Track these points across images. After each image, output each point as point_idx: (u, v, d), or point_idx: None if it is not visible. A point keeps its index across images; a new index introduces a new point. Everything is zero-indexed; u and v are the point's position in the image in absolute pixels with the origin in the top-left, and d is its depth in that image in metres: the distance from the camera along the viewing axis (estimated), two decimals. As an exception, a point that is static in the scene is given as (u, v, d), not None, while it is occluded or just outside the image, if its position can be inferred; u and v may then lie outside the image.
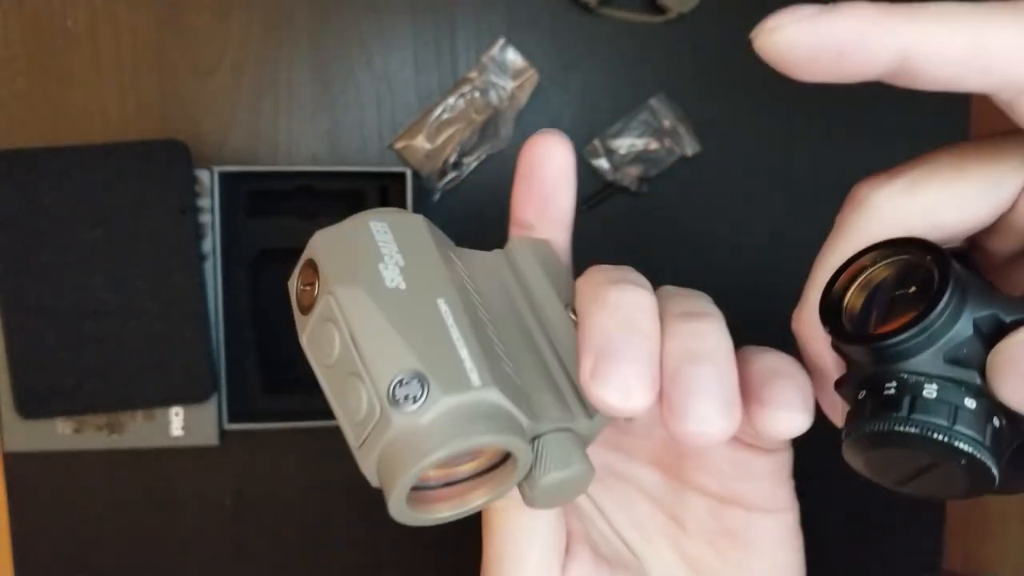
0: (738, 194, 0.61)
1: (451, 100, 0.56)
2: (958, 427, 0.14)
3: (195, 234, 0.50)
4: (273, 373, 0.54)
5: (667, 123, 0.58)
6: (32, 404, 0.49)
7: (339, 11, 0.55)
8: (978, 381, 0.15)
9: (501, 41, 0.56)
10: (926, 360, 0.15)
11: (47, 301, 0.48)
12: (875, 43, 0.14)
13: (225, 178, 0.51)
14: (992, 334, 0.15)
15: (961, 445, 0.14)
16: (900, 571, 0.66)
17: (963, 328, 0.15)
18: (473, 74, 0.56)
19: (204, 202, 0.50)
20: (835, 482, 0.64)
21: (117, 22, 0.53)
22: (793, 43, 0.15)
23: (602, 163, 0.58)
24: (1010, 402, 0.14)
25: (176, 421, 0.51)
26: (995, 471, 0.15)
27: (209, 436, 0.51)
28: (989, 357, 0.15)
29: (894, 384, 0.15)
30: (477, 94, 0.56)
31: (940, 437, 0.14)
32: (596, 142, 0.58)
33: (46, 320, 0.49)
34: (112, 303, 0.49)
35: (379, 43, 0.56)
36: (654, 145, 0.58)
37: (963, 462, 0.15)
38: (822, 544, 0.69)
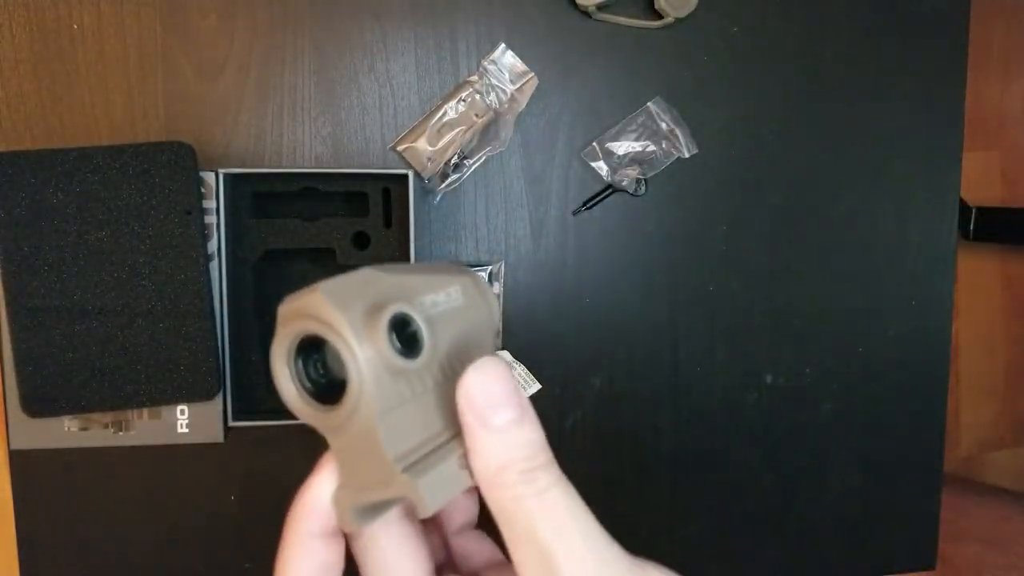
0: (734, 195, 0.61)
1: (452, 103, 0.57)
2: None
3: (200, 235, 0.50)
4: (277, 372, 0.55)
5: (664, 126, 0.59)
6: (39, 403, 0.50)
7: (342, 16, 0.56)
8: None
9: (501, 45, 0.57)
10: None
11: (54, 301, 0.49)
12: None
13: (230, 180, 0.52)
14: None
15: None
16: (895, 567, 0.67)
17: None
18: (474, 78, 0.57)
19: (209, 203, 0.51)
20: (829, 478, 0.65)
21: (123, 25, 0.54)
22: None
23: (600, 165, 0.59)
24: None
25: (182, 419, 0.52)
26: None
27: (214, 433, 0.52)
28: None
29: None
30: (478, 97, 0.57)
31: None
32: (595, 144, 0.59)
33: (53, 319, 0.49)
34: (118, 303, 0.50)
35: (381, 47, 0.57)
36: (652, 147, 0.59)
37: None
38: (817, 540, 0.70)
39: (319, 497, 0.23)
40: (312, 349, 0.22)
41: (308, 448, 0.62)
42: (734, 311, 0.62)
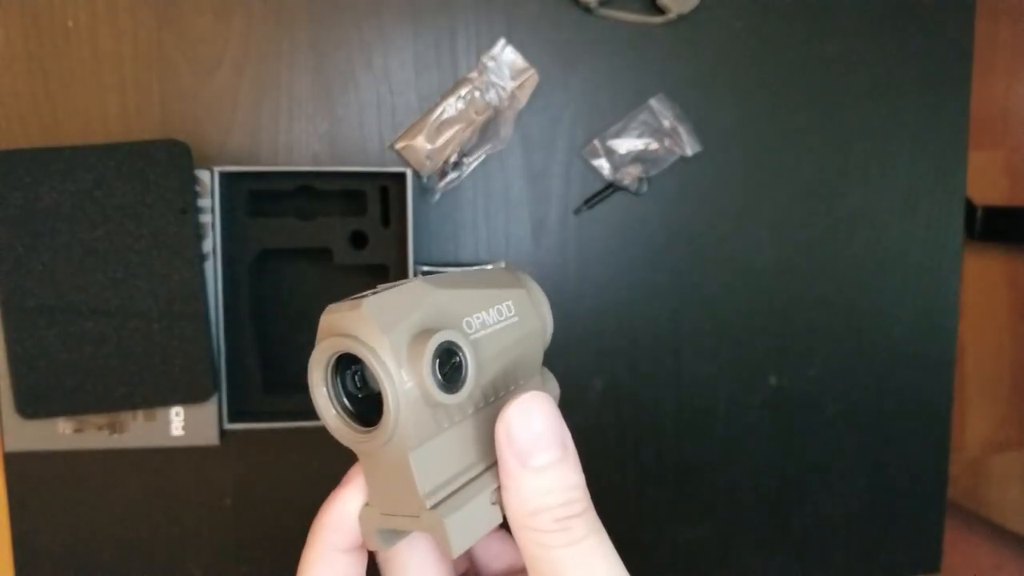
0: (738, 194, 0.61)
1: (451, 100, 0.56)
2: None
3: (196, 234, 0.50)
4: (273, 373, 0.54)
5: (667, 123, 0.58)
6: (33, 404, 0.49)
7: (340, 12, 0.55)
8: None
9: (501, 41, 0.56)
10: None
11: (48, 301, 0.48)
12: None
13: (226, 178, 0.51)
14: None
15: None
16: (900, 570, 0.66)
17: None
18: (473, 74, 0.56)
19: (204, 202, 0.50)
20: (834, 481, 0.64)
21: (118, 22, 0.53)
22: None
23: (602, 163, 0.58)
24: None
25: (176, 421, 0.51)
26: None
27: (209, 436, 0.51)
28: None
29: None
30: (477, 94, 0.56)
31: None
32: (596, 142, 0.58)
33: (47, 320, 0.49)
34: (113, 303, 0.49)
35: (379, 43, 0.56)
36: (654, 145, 0.58)
37: None
38: (822, 542, 0.69)
39: (346, 512, 0.22)
40: (351, 360, 0.21)
41: (304, 451, 0.61)
42: (737, 312, 0.61)
